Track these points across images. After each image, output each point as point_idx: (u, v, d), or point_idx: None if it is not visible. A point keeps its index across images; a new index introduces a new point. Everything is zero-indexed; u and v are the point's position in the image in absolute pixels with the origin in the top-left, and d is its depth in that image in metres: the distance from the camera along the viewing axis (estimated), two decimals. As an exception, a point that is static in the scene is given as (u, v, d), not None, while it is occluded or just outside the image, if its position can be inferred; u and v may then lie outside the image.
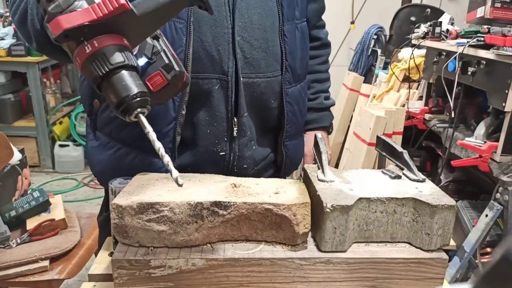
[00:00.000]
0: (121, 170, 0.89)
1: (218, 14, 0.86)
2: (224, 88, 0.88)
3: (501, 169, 1.71)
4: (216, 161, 0.92)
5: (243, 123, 0.92)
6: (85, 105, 0.99)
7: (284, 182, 0.73)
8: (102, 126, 0.96)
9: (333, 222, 0.63)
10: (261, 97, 0.93)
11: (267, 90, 0.93)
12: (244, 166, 0.96)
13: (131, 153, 0.92)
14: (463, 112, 2.16)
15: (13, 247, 1.49)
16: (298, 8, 0.97)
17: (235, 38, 0.87)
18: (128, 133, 0.91)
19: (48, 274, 1.44)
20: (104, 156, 0.96)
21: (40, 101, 3.39)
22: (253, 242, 0.67)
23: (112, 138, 0.94)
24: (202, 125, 0.90)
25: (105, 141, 0.95)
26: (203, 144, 0.91)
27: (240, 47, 0.88)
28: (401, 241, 0.68)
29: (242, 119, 0.92)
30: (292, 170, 1.10)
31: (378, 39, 3.45)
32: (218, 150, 0.92)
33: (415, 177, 0.73)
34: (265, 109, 0.95)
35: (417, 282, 0.66)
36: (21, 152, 1.85)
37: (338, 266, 0.64)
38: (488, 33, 1.78)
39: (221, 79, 0.88)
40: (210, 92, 0.88)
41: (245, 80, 0.90)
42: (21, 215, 1.60)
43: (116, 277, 0.62)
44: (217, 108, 0.89)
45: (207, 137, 0.91)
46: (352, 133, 2.85)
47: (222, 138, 0.91)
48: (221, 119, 0.90)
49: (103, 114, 0.94)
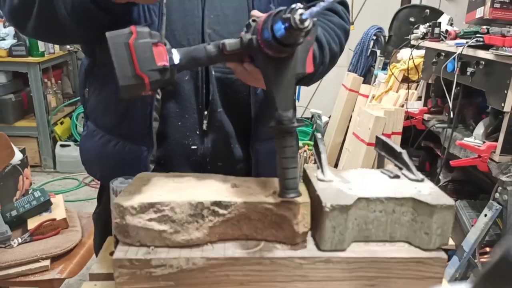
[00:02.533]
0: (103, 157, 0.91)
1: (189, 3, 0.85)
2: (194, 79, 0.87)
3: (500, 169, 1.71)
4: (188, 154, 0.90)
5: (215, 118, 0.89)
6: (81, 95, 1.01)
7: (284, 182, 0.74)
8: (89, 114, 0.98)
9: (332, 221, 0.64)
10: (237, 95, 0.90)
11: (242, 88, 0.90)
12: (219, 164, 0.92)
13: (112, 140, 0.92)
14: (462, 112, 2.16)
15: (14, 246, 1.50)
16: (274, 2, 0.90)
17: (205, 30, 0.85)
18: (109, 119, 0.92)
19: (49, 273, 1.44)
20: (90, 144, 0.97)
21: (41, 101, 3.39)
22: (253, 241, 0.68)
23: (97, 126, 0.95)
24: (172, 117, 0.88)
25: (92, 129, 0.97)
26: (174, 136, 0.89)
27: (211, 39, 0.84)
28: (400, 241, 0.69)
29: (215, 114, 0.89)
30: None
31: (377, 40, 3.45)
32: (190, 143, 0.90)
33: (414, 177, 0.74)
34: (241, 107, 0.91)
35: (416, 282, 0.66)
36: (22, 152, 1.86)
37: (337, 265, 0.65)
38: (487, 33, 1.79)
39: (191, 73, 0.86)
40: (180, 82, 0.86)
41: (218, 75, 0.87)
42: (22, 214, 1.61)
43: (117, 276, 0.63)
44: (188, 100, 0.87)
45: (178, 129, 0.89)
46: (351, 133, 2.86)
47: (193, 131, 0.89)
48: (192, 110, 0.88)
49: (90, 100, 0.95)
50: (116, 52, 0.59)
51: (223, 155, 0.93)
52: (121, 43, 0.59)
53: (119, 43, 0.59)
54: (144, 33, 0.60)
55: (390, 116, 2.43)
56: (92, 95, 0.95)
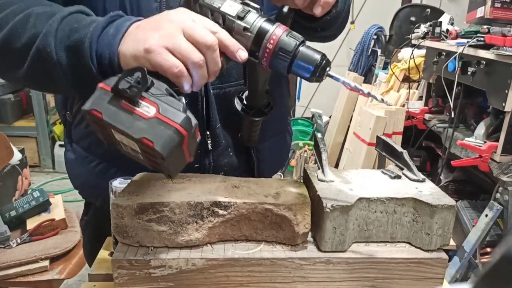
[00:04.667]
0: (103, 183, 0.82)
1: None
2: (195, 102, 0.82)
3: (501, 169, 1.71)
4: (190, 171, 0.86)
5: (216, 134, 0.87)
6: (60, 115, 0.95)
7: (284, 182, 0.73)
8: (78, 140, 0.91)
9: (333, 222, 0.63)
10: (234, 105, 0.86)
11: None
12: (221, 174, 0.89)
13: (111, 167, 0.87)
14: (463, 112, 2.16)
15: (13, 247, 1.50)
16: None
17: None
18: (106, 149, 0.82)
19: (48, 274, 1.44)
20: (84, 170, 0.91)
21: (40, 101, 3.39)
22: (253, 242, 0.67)
23: (90, 152, 0.89)
24: None
25: (82, 155, 0.90)
26: None
27: None
28: (401, 241, 0.68)
29: (215, 131, 0.86)
30: (272, 174, 1.03)
31: (378, 39, 3.45)
32: (193, 163, 0.87)
33: (415, 177, 0.74)
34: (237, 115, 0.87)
35: (417, 282, 0.66)
36: (21, 152, 1.86)
37: (338, 266, 0.64)
38: (488, 33, 1.79)
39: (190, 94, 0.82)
40: None
41: (216, 91, 0.84)
42: (21, 215, 1.60)
43: (116, 277, 0.62)
44: None
45: None
46: (352, 133, 2.86)
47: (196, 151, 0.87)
48: None
49: (78, 128, 0.89)
50: (169, 159, 0.53)
51: (225, 164, 0.91)
52: (175, 148, 0.53)
53: (172, 148, 0.53)
54: (191, 128, 0.55)
55: (391, 116, 2.43)
56: (79, 124, 0.88)
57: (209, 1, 0.61)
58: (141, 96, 0.54)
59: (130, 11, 0.75)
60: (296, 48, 0.60)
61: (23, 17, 0.65)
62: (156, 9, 0.76)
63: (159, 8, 0.76)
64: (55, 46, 0.62)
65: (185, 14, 0.59)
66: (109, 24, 0.62)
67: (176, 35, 0.56)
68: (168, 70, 0.56)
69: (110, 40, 0.60)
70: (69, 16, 0.64)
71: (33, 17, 0.65)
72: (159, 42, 0.56)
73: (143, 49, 0.56)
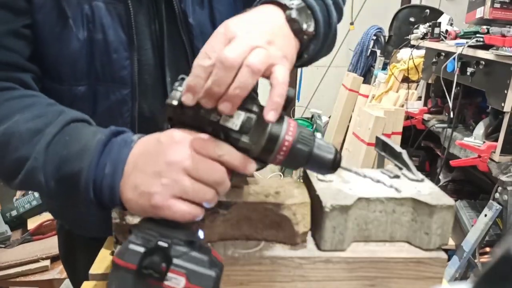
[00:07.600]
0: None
1: None
2: None
3: (500, 169, 1.72)
4: None
5: None
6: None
7: (284, 182, 0.74)
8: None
9: (332, 221, 0.64)
10: None
11: None
12: None
13: None
14: (462, 112, 2.17)
15: (14, 246, 1.50)
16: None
17: None
18: None
19: (49, 273, 1.44)
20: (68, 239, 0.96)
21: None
22: (253, 241, 0.68)
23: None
24: None
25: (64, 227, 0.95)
26: None
27: None
28: (400, 241, 0.69)
29: None
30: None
31: (377, 40, 3.46)
32: None
33: (414, 177, 0.74)
34: None
35: (416, 282, 0.66)
36: (21, 152, 1.85)
37: (337, 265, 0.65)
38: (487, 33, 1.79)
39: None
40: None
41: None
42: (22, 214, 1.61)
43: (117, 276, 0.63)
44: None
45: None
46: (351, 133, 2.86)
47: None
48: None
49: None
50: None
51: None
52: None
53: None
54: (219, 280, 0.52)
55: (390, 116, 2.43)
56: None
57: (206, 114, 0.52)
58: None
59: (101, 67, 0.72)
60: (310, 154, 0.55)
61: (2, 137, 0.60)
62: (128, 66, 0.74)
63: (131, 65, 0.74)
64: (46, 181, 0.58)
65: (182, 151, 0.51)
66: (103, 154, 0.56)
67: (180, 180, 0.50)
68: (180, 219, 0.51)
69: (109, 182, 0.54)
70: (55, 139, 0.59)
71: (15, 138, 0.60)
72: (165, 194, 0.50)
73: (150, 205, 0.51)
